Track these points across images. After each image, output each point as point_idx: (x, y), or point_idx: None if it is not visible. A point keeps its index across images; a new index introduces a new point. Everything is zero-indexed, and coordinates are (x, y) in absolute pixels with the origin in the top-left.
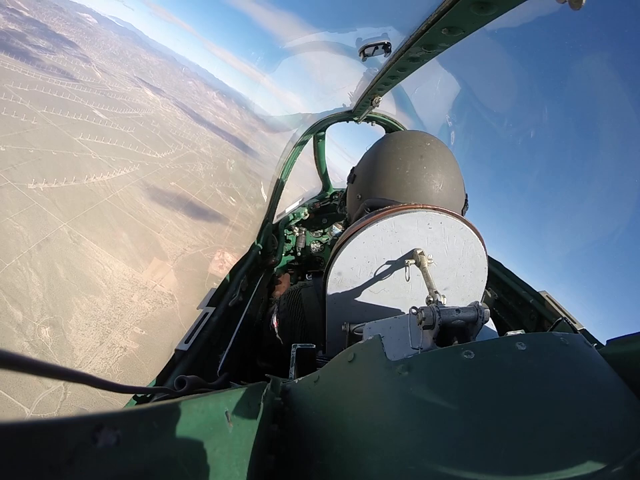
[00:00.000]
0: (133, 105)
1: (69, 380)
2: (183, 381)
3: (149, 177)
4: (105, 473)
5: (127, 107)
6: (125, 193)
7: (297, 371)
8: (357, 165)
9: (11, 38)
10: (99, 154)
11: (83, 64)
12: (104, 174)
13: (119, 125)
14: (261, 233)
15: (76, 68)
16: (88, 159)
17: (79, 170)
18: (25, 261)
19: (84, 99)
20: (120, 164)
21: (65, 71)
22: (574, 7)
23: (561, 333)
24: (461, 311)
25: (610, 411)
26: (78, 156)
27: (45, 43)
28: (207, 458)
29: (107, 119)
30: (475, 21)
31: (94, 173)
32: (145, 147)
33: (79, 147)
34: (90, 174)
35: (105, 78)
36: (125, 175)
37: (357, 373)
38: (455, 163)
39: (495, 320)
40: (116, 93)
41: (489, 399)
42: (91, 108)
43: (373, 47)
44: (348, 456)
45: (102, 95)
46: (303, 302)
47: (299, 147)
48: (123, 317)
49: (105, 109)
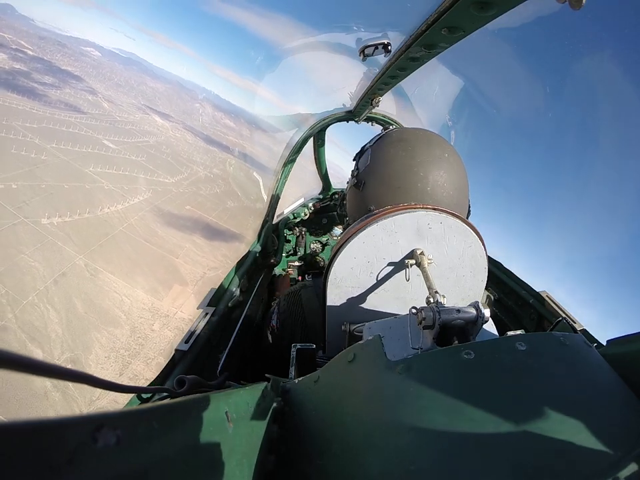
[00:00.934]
0: (143, 132)
1: (70, 380)
2: (183, 381)
3: (163, 203)
4: (105, 473)
5: (136, 135)
6: (140, 220)
7: (297, 371)
8: (364, 169)
9: (16, 77)
10: (111, 184)
11: (89, 96)
12: (117, 203)
13: (129, 153)
14: (261, 233)
15: (83, 101)
16: (100, 190)
17: (92, 201)
18: (42, 297)
19: (93, 131)
20: (133, 192)
21: (72, 105)
22: (574, 6)
23: (560, 333)
24: (461, 311)
25: (610, 410)
26: (90, 187)
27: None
28: (207, 458)
29: (117, 149)
30: (474, 20)
31: (107, 203)
32: (157, 172)
33: (91, 178)
34: (103, 204)
35: (113, 108)
36: (138, 203)
37: (357, 373)
38: (465, 172)
39: (495, 320)
40: (124, 122)
41: (488, 399)
42: (100, 139)
43: (373, 47)
44: (348, 456)
45: (111, 125)
46: (302, 302)
47: (299, 146)
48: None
49: (114, 138)
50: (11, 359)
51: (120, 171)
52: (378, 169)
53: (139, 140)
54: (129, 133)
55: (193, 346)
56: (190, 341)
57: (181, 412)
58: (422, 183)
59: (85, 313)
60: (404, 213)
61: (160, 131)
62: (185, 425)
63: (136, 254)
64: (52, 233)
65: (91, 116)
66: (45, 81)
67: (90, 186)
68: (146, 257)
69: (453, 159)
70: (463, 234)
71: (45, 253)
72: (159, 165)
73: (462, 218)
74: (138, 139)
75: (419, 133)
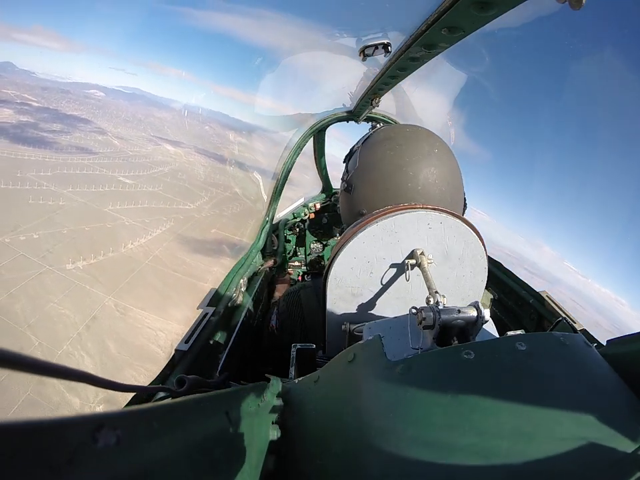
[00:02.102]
0: (156, 162)
1: (70, 379)
2: (183, 381)
3: (187, 230)
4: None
5: (150, 167)
6: (165, 251)
7: (296, 371)
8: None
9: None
10: (132, 219)
11: (99, 136)
12: (140, 238)
13: (146, 185)
14: (261, 233)
15: (93, 142)
16: (122, 227)
17: (115, 239)
18: (76, 345)
19: (107, 169)
20: (155, 223)
21: (83, 147)
22: (574, 7)
23: (560, 333)
24: (461, 311)
25: (610, 410)
26: (111, 226)
27: (59, 126)
28: (207, 458)
29: (133, 183)
30: (475, 21)
31: (130, 239)
32: (176, 200)
33: (111, 216)
34: (126, 241)
35: (124, 144)
36: (161, 234)
37: (357, 373)
38: (457, 163)
39: (495, 320)
40: (137, 155)
41: (488, 399)
42: (115, 176)
43: (373, 47)
44: (348, 456)
45: (124, 161)
46: (302, 303)
47: (299, 147)
48: None
49: (129, 173)
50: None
51: (139, 204)
52: (366, 172)
53: (153, 171)
54: (143, 165)
55: (193, 346)
56: (190, 340)
57: (181, 412)
58: (412, 183)
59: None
60: (404, 212)
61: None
62: (185, 424)
63: (165, 286)
64: (78, 277)
65: (103, 155)
66: (54, 128)
67: (111, 224)
68: (176, 287)
69: (443, 154)
70: (463, 234)
71: (73, 299)
72: (177, 193)
73: (462, 218)
74: (152, 170)
75: (406, 129)
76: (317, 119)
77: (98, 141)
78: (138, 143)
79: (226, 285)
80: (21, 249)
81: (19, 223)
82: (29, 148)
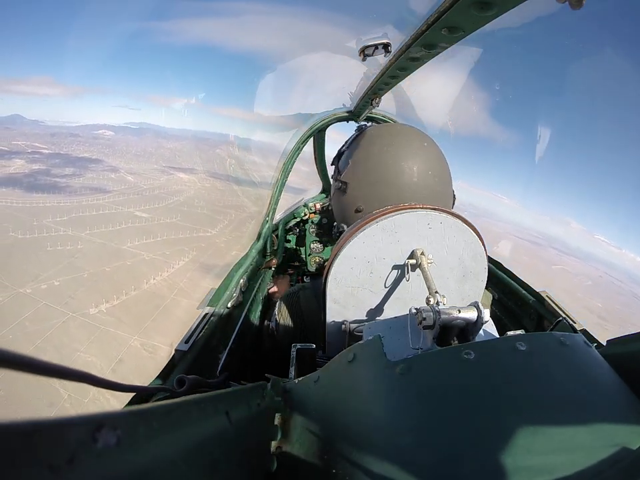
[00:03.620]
0: (171, 192)
1: (70, 379)
2: (183, 381)
3: (210, 257)
4: (105, 473)
5: (165, 198)
6: (189, 282)
7: (296, 371)
8: (345, 171)
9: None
10: (152, 253)
11: (112, 174)
12: (162, 272)
13: (163, 217)
14: (261, 233)
15: (106, 180)
16: (142, 263)
17: (136, 277)
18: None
19: (122, 206)
20: (176, 255)
21: (97, 187)
22: (574, 6)
23: (560, 333)
24: (461, 310)
25: (610, 410)
26: (131, 263)
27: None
28: (207, 458)
29: (149, 217)
30: (475, 20)
31: (152, 274)
32: (195, 228)
33: (130, 253)
34: (148, 277)
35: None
36: (184, 265)
37: (357, 373)
38: (445, 160)
39: (495, 320)
40: (151, 188)
41: (488, 399)
42: (131, 212)
43: (373, 47)
44: (348, 456)
45: (138, 196)
46: (301, 304)
47: (299, 147)
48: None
49: (145, 207)
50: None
51: (157, 238)
52: (358, 169)
53: (169, 202)
54: (158, 197)
55: (193, 346)
56: (190, 341)
57: (181, 412)
58: (402, 176)
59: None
60: (404, 212)
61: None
62: (185, 424)
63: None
64: (102, 321)
65: (117, 192)
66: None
67: (131, 261)
68: None
69: (431, 149)
70: (463, 234)
71: (99, 344)
72: (196, 221)
73: (462, 218)
74: (168, 200)
75: (394, 127)
76: (316, 119)
77: (111, 179)
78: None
79: (226, 285)
80: (44, 298)
81: (39, 272)
82: (43, 195)
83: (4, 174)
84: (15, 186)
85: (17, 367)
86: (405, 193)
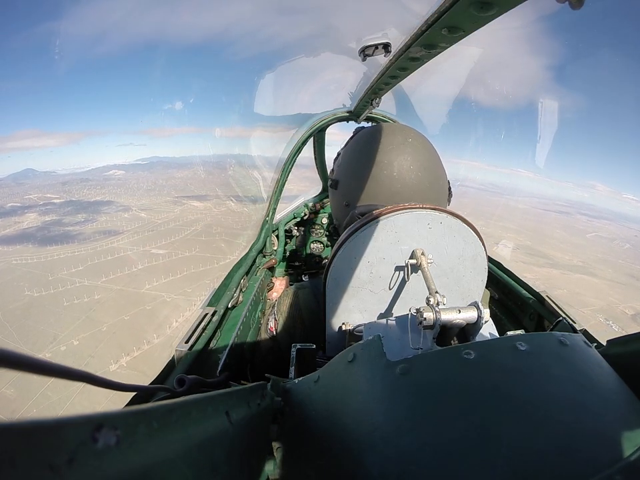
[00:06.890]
0: (187, 223)
1: (70, 379)
2: (183, 381)
3: None
4: (105, 473)
5: (182, 230)
6: None
7: (296, 371)
8: (337, 169)
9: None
10: (172, 293)
11: (125, 214)
12: (184, 311)
13: (181, 251)
14: (261, 233)
15: (120, 221)
16: (163, 304)
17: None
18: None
19: (137, 246)
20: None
21: (110, 230)
22: (574, 6)
23: (560, 333)
24: (461, 310)
25: (610, 411)
26: (151, 307)
27: (82, 216)
28: (207, 458)
29: (166, 252)
30: (475, 20)
31: (174, 316)
32: (216, 258)
33: (149, 296)
34: (170, 320)
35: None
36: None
37: (357, 373)
38: (436, 153)
39: (494, 320)
40: (165, 222)
41: (488, 399)
42: (148, 250)
43: (373, 47)
44: (348, 456)
45: (153, 232)
46: (301, 304)
47: (299, 147)
48: None
49: (161, 243)
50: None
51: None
52: (348, 166)
53: (186, 233)
54: (174, 231)
55: (193, 346)
56: (190, 340)
57: (181, 412)
58: (388, 170)
59: None
60: (404, 212)
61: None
62: (185, 424)
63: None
64: (123, 376)
65: (131, 232)
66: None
67: (150, 305)
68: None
69: (417, 143)
70: (463, 234)
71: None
72: (216, 249)
73: (462, 217)
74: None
75: (383, 125)
76: (316, 119)
77: (124, 218)
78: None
79: (226, 285)
80: (63, 360)
81: (57, 332)
82: (56, 246)
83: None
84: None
85: (17, 366)
86: (383, 187)
